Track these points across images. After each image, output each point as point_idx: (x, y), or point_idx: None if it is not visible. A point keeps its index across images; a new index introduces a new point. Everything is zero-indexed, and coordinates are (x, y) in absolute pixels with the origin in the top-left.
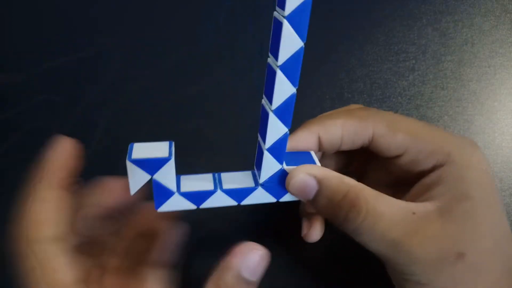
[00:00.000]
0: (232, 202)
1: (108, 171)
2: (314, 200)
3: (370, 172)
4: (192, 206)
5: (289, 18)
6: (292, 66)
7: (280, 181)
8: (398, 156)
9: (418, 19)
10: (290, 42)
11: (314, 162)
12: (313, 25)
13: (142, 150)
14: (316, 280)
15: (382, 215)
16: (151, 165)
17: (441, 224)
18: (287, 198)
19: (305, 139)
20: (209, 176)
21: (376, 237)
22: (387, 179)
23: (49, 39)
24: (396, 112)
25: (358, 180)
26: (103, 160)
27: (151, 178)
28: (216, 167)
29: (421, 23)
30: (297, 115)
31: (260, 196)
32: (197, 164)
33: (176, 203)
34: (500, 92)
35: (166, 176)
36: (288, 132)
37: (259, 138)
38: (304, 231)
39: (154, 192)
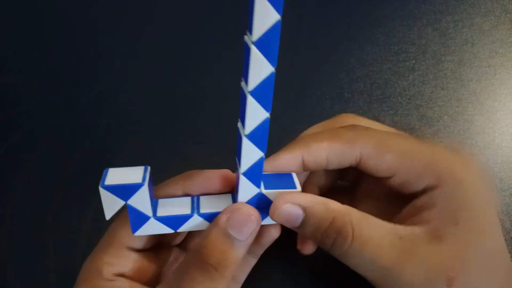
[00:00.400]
0: None
1: None
2: (300, 228)
3: (365, 183)
4: (169, 230)
5: (258, 44)
6: (264, 92)
7: (258, 205)
8: (388, 177)
9: (418, 19)
10: (260, 68)
11: (294, 185)
12: (313, 25)
13: (116, 175)
14: (316, 280)
15: (369, 240)
16: (124, 191)
17: (430, 248)
18: (267, 221)
19: (288, 161)
20: (187, 200)
21: (363, 262)
22: (381, 192)
23: (49, 39)
24: (396, 112)
25: (352, 191)
26: (103, 160)
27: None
28: (215, 167)
29: (421, 23)
30: (297, 115)
31: None
32: (197, 164)
33: (153, 227)
34: (500, 92)
35: (140, 201)
36: (264, 156)
37: (237, 162)
38: (299, 245)
39: (130, 217)
